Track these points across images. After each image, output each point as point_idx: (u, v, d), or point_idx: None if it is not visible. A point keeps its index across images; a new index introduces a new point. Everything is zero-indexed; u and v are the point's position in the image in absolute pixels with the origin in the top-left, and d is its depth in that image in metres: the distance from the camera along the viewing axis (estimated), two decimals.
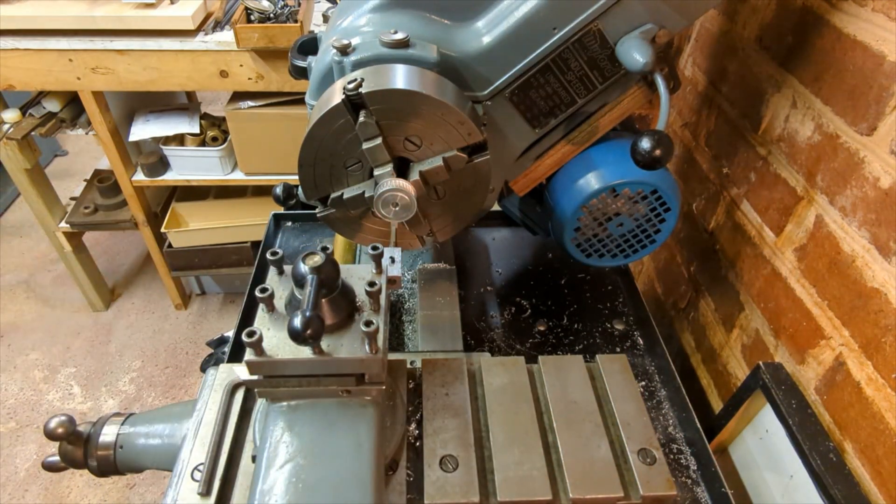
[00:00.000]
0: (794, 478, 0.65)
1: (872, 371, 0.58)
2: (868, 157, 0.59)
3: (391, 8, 0.61)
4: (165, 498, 0.56)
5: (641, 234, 0.73)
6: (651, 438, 0.59)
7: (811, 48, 0.67)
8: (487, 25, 0.61)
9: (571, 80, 0.63)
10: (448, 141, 0.58)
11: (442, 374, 0.63)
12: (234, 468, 0.57)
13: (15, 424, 1.82)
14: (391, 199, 0.57)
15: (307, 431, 0.48)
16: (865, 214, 0.59)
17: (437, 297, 0.84)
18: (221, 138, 1.78)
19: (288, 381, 0.48)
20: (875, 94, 0.58)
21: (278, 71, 1.53)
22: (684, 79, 1.01)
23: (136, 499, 1.66)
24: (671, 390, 0.75)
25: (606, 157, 0.70)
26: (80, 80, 1.55)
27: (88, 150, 3.01)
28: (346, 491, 0.45)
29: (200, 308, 2.23)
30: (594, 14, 0.58)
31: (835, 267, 0.64)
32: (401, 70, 0.56)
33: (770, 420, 0.69)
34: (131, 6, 1.47)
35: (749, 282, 0.80)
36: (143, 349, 2.06)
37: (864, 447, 0.59)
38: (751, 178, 0.80)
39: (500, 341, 0.82)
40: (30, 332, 2.11)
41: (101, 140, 1.71)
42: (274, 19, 1.48)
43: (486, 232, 1.02)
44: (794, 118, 0.70)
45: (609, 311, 0.87)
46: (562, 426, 0.59)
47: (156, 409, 0.69)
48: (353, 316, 0.49)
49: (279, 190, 0.69)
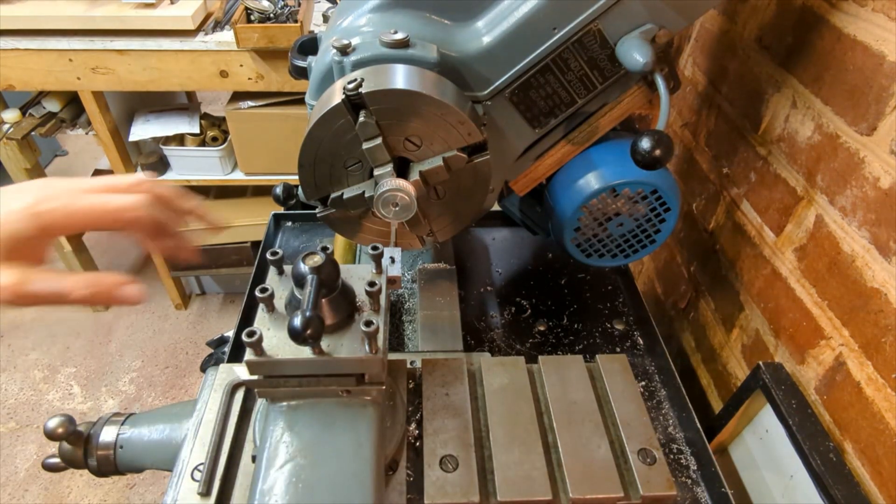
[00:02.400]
0: (794, 478, 0.65)
1: (872, 371, 0.58)
2: (868, 157, 0.59)
3: (391, 8, 0.61)
4: (165, 498, 0.56)
5: (641, 234, 0.73)
6: (651, 438, 0.59)
7: (811, 48, 0.67)
8: (487, 25, 0.61)
9: (571, 80, 0.63)
10: (448, 141, 0.58)
11: (442, 374, 0.63)
12: (234, 468, 0.57)
13: (15, 424, 1.82)
14: (391, 199, 0.57)
15: (307, 431, 0.48)
16: (865, 214, 0.59)
17: (437, 297, 0.84)
18: (221, 138, 1.78)
19: (288, 381, 0.48)
20: (875, 94, 0.58)
21: (278, 71, 1.53)
22: (684, 79, 1.01)
23: (136, 499, 1.66)
24: (671, 390, 0.75)
25: (606, 157, 0.70)
26: (80, 80, 1.55)
27: (88, 150, 3.01)
28: (346, 491, 0.45)
29: (200, 308, 2.23)
30: (594, 14, 0.58)
31: (835, 267, 0.64)
32: (401, 70, 0.56)
33: (770, 420, 0.69)
34: (131, 6, 1.47)
35: (749, 282, 0.80)
36: (143, 349, 2.06)
37: (864, 447, 0.59)
38: (751, 178, 0.80)
39: (500, 341, 0.82)
40: (30, 332, 2.11)
41: (101, 140, 1.71)
42: (274, 19, 1.48)
43: (486, 232, 1.02)
44: (794, 118, 0.70)
45: (609, 311, 0.87)
46: (562, 426, 0.59)
47: (156, 409, 0.69)
48: (353, 316, 0.49)
49: (279, 190, 0.69)
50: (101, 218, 0.44)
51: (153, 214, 0.46)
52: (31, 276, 0.43)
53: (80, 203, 0.43)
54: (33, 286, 0.42)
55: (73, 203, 0.43)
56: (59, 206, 0.43)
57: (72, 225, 0.44)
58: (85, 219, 0.44)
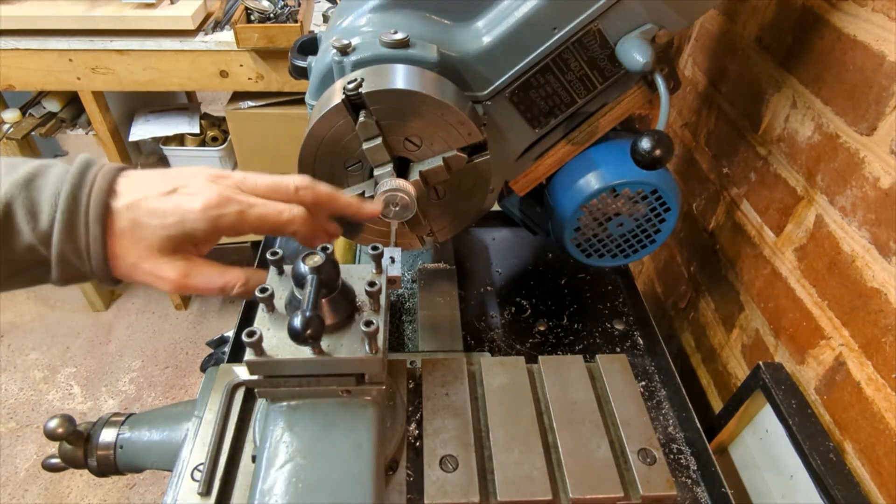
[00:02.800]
0: (794, 478, 0.65)
1: (872, 371, 0.58)
2: (868, 157, 0.59)
3: (391, 8, 0.61)
4: (165, 498, 0.56)
5: (641, 234, 0.73)
6: (651, 438, 0.59)
7: (811, 48, 0.67)
8: (487, 25, 0.61)
9: (571, 80, 0.63)
10: (448, 141, 0.58)
11: (442, 374, 0.63)
12: (234, 468, 0.57)
13: (15, 424, 1.82)
14: (391, 199, 0.57)
15: (307, 431, 0.48)
16: (865, 214, 0.59)
17: (437, 297, 0.84)
18: (221, 138, 1.78)
19: (288, 381, 0.48)
20: (875, 94, 0.58)
21: (278, 71, 1.53)
22: (684, 79, 1.01)
23: (136, 499, 1.66)
24: (671, 390, 0.75)
25: (606, 157, 0.70)
26: (80, 80, 1.55)
27: (88, 150, 2.99)
28: (346, 491, 0.45)
29: (200, 308, 2.22)
30: (594, 14, 0.58)
31: (835, 267, 0.64)
32: (401, 70, 0.56)
33: (770, 420, 0.69)
34: (131, 6, 1.47)
35: (749, 282, 0.80)
36: (143, 349, 2.06)
37: (864, 447, 0.59)
38: (751, 178, 0.80)
39: (500, 341, 0.82)
40: (30, 332, 2.11)
41: (101, 140, 1.71)
42: (274, 19, 1.48)
43: (486, 232, 1.02)
44: (794, 118, 0.70)
45: (609, 311, 0.87)
46: (562, 426, 0.59)
47: (156, 409, 0.69)
48: (353, 316, 0.49)
49: None
50: (268, 227, 0.47)
51: (312, 225, 0.49)
52: (195, 269, 0.46)
53: (252, 212, 0.46)
54: (195, 280, 0.46)
55: (247, 211, 0.45)
56: (233, 213, 0.45)
57: (241, 230, 0.46)
58: (253, 226, 0.46)
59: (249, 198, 0.46)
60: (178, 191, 0.45)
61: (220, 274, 0.47)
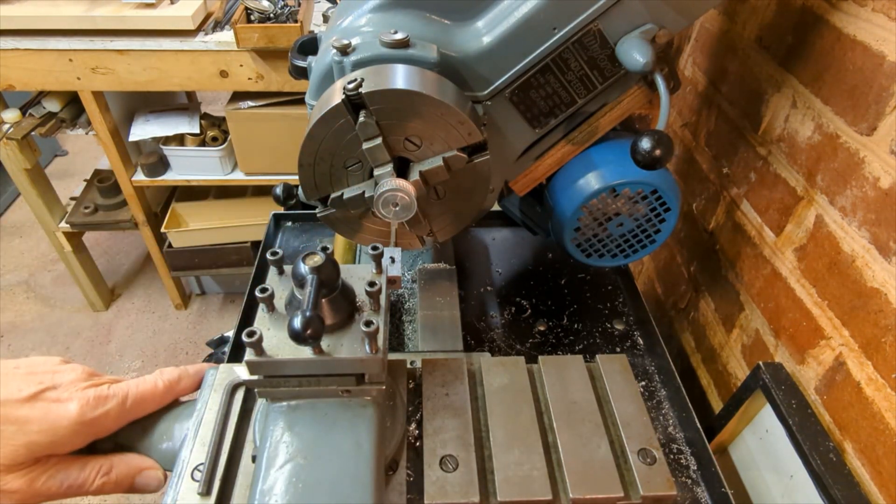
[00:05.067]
0: (794, 478, 0.65)
1: (872, 371, 0.58)
2: (868, 157, 0.59)
3: (391, 8, 0.61)
4: (165, 498, 0.56)
5: (641, 234, 0.73)
6: (651, 438, 0.59)
7: (811, 48, 0.67)
8: (487, 25, 0.61)
9: (571, 80, 0.63)
10: (448, 141, 0.58)
11: (442, 374, 0.63)
12: (234, 468, 0.57)
13: None
14: (391, 199, 0.57)
15: (307, 431, 0.48)
16: (865, 214, 0.59)
17: (437, 297, 0.84)
18: (221, 138, 1.79)
19: (288, 381, 0.48)
20: (875, 94, 0.58)
21: (278, 71, 1.54)
22: (684, 79, 1.01)
23: (135, 499, 1.66)
24: (671, 390, 0.75)
25: (606, 157, 0.70)
26: (80, 80, 1.55)
27: (88, 150, 3.01)
28: (346, 491, 0.45)
29: (200, 308, 2.23)
30: (594, 14, 0.58)
31: (835, 267, 0.64)
32: (401, 70, 0.56)
33: (770, 420, 0.69)
34: (131, 6, 1.47)
35: (749, 282, 0.80)
36: (143, 349, 2.06)
37: (864, 447, 0.59)
38: (751, 178, 0.80)
39: (500, 341, 0.82)
40: (30, 332, 2.11)
41: (101, 140, 1.71)
42: (274, 19, 1.48)
43: (486, 232, 1.02)
44: (794, 118, 0.70)
45: (609, 311, 0.87)
46: (562, 426, 0.59)
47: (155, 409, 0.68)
48: (353, 316, 0.49)
49: (279, 190, 0.69)
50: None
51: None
52: (47, 472, 0.44)
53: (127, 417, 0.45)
54: (47, 484, 0.43)
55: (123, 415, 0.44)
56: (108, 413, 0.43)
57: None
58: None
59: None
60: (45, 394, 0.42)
61: (80, 468, 0.43)
